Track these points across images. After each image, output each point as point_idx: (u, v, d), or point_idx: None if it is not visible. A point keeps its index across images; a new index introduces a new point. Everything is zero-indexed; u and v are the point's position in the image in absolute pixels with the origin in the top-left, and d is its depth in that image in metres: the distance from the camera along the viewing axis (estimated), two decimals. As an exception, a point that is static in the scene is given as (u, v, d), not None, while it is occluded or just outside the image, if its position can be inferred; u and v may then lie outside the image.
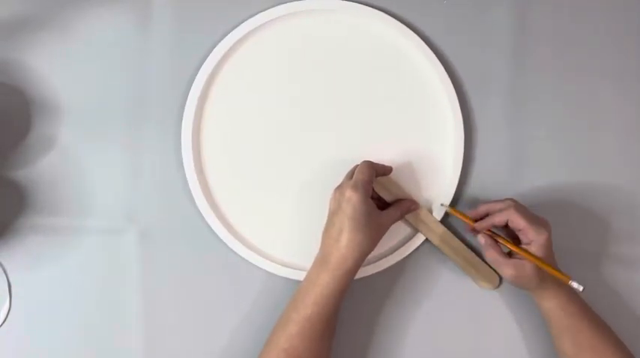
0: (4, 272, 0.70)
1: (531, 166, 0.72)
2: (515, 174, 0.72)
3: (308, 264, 0.65)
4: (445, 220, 0.71)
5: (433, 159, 0.71)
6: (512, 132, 0.72)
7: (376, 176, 0.66)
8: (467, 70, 0.71)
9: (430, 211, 0.70)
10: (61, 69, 0.70)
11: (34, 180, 0.70)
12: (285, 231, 0.71)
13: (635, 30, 0.72)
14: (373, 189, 0.67)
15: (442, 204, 0.69)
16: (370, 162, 0.66)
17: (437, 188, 0.71)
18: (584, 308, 0.65)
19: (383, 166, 0.67)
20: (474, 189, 0.71)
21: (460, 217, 0.68)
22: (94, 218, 0.70)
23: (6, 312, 0.70)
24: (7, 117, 0.70)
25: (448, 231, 0.70)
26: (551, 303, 0.65)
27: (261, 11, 0.69)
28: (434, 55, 0.69)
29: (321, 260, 0.63)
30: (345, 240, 0.62)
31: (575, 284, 0.62)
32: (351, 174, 0.66)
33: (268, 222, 0.71)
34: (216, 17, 0.70)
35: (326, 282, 0.62)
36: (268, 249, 0.70)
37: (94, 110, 0.70)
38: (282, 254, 0.71)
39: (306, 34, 0.70)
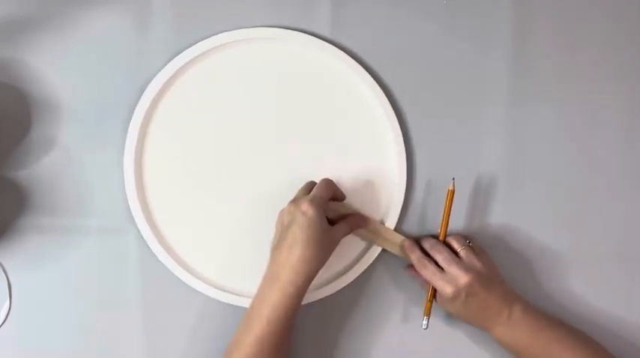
0: (4, 272, 0.70)
1: (532, 166, 0.72)
2: (515, 180, 0.72)
3: (246, 288, 0.67)
4: (399, 228, 0.71)
5: (380, 174, 0.71)
6: (512, 134, 0.72)
7: (331, 199, 0.66)
8: (467, 71, 0.71)
9: (382, 222, 0.70)
10: (61, 69, 0.70)
11: (34, 180, 0.70)
12: (225, 254, 0.71)
13: (635, 30, 0.72)
14: None
15: (453, 179, 0.69)
16: (331, 181, 0.66)
17: (383, 200, 0.71)
18: (536, 326, 0.65)
19: (340, 191, 0.68)
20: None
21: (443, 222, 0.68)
22: (94, 218, 0.70)
23: (6, 312, 0.70)
24: (7, 117, 0.70)
25: (397, 234, 0.70)
26: (501, 329, 0.65)
27: (208, 37, 0.69)
28: (369, 76, 0.70)
29: (271, 277, 0.62)
30: (297, 255, 0.61)
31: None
32: (305, 190, 0.66)
33: (209, 245, 0.71)
34: (213, 19, 0.70)
35: (278, 300, 0.61)
36: (208, 273, 0.71)
37: (94, 110, 0.70)
38: (221, 278, 0.71)
39: (250, 60, 0.70)
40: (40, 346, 0.70)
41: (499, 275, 0.68)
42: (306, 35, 0.70)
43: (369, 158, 0.71)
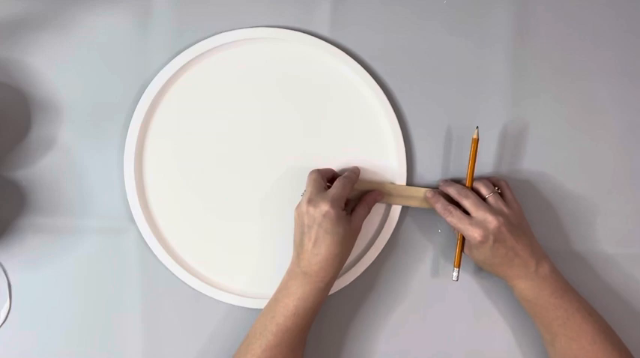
0: (4, 272, 0.70)
1: (530, 166, 0.72)
2: (510, 173, 0.72)
3: (247, 288, 0.67)
4: (410, 183, 0.71)
5: (380, 173, 0.71)
6: (510, 132, 0.72)
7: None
8: (467, 70, 0.71)
9: (392, 183, 0.71)
10: (61, 69, 0.70)
11: (33, 180, 0.70)
12: (225, 254, 0.71)
13: (635, 29, 0.72)
14: None
15: (477, 127, 0.68)
16: (350, 179, 0.66)
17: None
18: (561, 288, 0.64)
19: (356, 176, 0.68)
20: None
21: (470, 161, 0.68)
22: (94, 218, 0.70)
23: (6, 312, 0.70)
24: (6, 117, 0.69)
25: (423, 189, 0.70)
26: (525, 283, 0.64)
27: (208, 37, 0.69)
28: (369, 76, 0.70)
29: (299, 271, 0.63)
30: (324, 254, 0.62)
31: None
32: (315, 183, 0.65)
33: (209, 245, 0.71)
34: (213, 19, 0.70)
35: (307, 294, 0.62)
36: (209, 273, 0.71)
37: (94, 110, 0.70)
38: (222, 278, 0.71)
39: (250, 60, 0.71)
40: (40, 346, 0.70)
41: (528, 226, 0.67)
42: (307, 35, 0.70)
43: (370, 157, 0.71)
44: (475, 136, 0.68)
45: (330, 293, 0.67)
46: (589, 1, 0.72)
